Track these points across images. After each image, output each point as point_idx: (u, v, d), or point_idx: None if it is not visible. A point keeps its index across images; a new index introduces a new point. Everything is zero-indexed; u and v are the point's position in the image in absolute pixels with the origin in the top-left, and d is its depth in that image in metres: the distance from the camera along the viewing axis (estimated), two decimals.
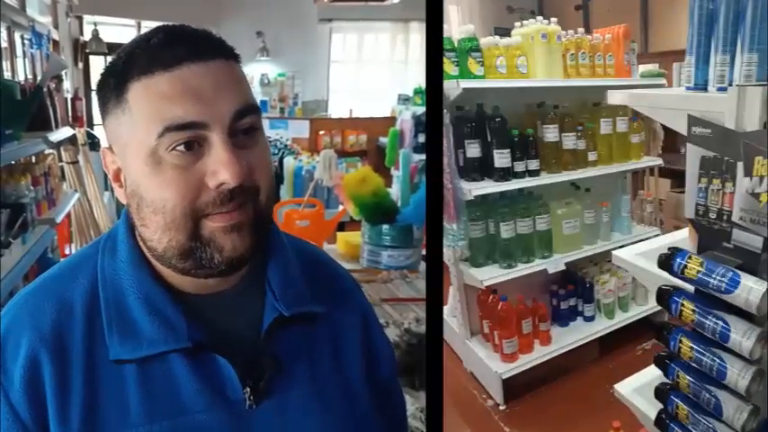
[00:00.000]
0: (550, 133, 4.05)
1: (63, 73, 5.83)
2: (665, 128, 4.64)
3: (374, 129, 9.01)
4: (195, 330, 1.09)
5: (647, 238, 4.74)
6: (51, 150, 4.89)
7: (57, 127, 4.60)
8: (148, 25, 9.08)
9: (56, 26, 6.49)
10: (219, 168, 1.03)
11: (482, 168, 3.92)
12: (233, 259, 1.07)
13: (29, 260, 3.48)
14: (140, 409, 1.07)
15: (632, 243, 4.61)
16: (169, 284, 1.13)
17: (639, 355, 4.37)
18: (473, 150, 3.84)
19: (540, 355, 4.06)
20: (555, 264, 4.08)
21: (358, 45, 10.77)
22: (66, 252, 5.52)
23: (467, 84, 3.67)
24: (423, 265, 3.93)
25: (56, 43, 6.26)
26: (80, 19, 8.57)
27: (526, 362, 3.98)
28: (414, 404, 2.42)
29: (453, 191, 3.72)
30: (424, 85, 7.38)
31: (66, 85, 6.47)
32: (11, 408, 1.05)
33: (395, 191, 5.69)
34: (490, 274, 3.92)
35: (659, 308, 4.66)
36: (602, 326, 4.41)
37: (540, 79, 4.02)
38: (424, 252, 3.90)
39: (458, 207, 3.75)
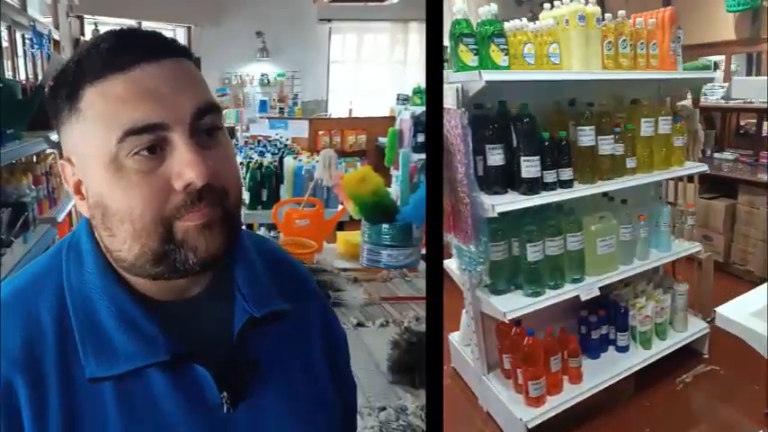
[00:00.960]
0: (586, 136, 3.03)
1: None
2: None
3: (373, 128, 8.42)
4: (171, 342, 0.96)
5: (688, 256, 3.86)
6: (52, 150, 4.53)
7: None
8: (148, 26, 8.87)
9: (56, 26, 6.10)
10: (185, 169, 0.90)
11: (505, 179, 2.93)
12: (207, 259, 0.94)
13: (30, 259, 3.13)
14: (120, 427, 0.94)
15: (673, 260, 3.67)
16: (139, 293, 0.99)
17: (680, 390, 3.49)
18: (495, 157, 2.83)
19: (570, 396, 3.13)
20: (588, 289, 3.09)
21: (357, 45, 10.18)
22: None
23: (491, 76, 2.69)
24: (422, 264, 3.63)
25: (56, 43, 5.92)
26: (81, 19, 8.06)
27: (554, 405, 3.06)
28: (414, 402, 2.26)
29: (471, 206, 2.77)
30: (423, 85, 6.95)
31: None
32: None
33: (394, 190, 5.49)
34: (514, 305, 2.95)
35: (702, 333, 3.64)
36: (638, 358, 3.45)
37: (578, 71, 2.97)
38: (423, 251, 3.61)
39: (476, 225, 2.78)
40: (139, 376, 0.96)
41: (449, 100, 2.78)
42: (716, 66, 5.73)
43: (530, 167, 2.86)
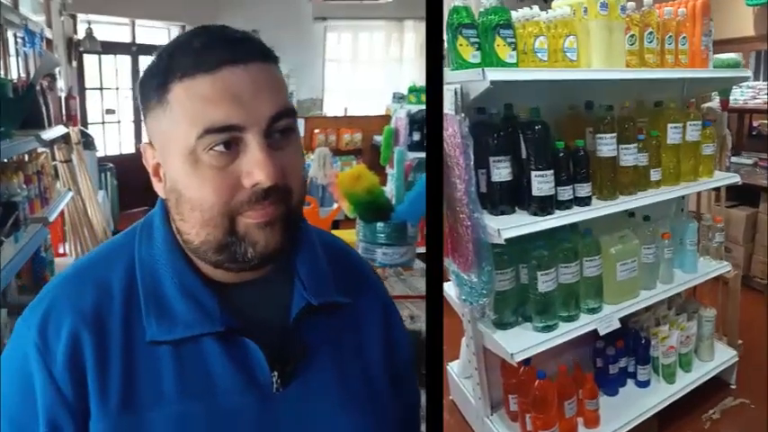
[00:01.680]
0: (606, 145, 2.43)
1: (57, 71, 5.23)
2: None
3: (369, 127, 7.92)
4: (227, 315, 0.97)
5: (717, 276, 3.25)
6: (44, 149, 4.35)
7: (50, 125, 4.15)
8: (142, 24, 8.30)
9: (49, 25, 5.71)
10: (254, 169, 0.90)
11: (512, 196, 2.36)
12: (265, 254, 0.94)
13: (21, 259, 3.15)
14: (174, 388, 0.95)
15: (698, 282, 3.04)
16: (202, 273, 1.00)
17: (708, 429, 2.91)
18: (501, 171, 2.25)
19: None
20: (607, 321, 2.53)
21: (353, 44, 9.58)
22: (60, 251, 5.05)
23: (497, 75, 2.11)
24: (417, 263, 3.40)
25: (49, 42, 5.59)
26: (74, 17, 7.37)
27: None
28: None
29: (472, 229, 2.21)
30: (418, 84, 6.53)
31: (60, 83, 5.72)
32: (54, 383, 0.94)
33: (389, 189, 5.31)
34: (522, 343, 2.38)
35: (730, 363, 3.14)
36: (661, 395, 2.85)
37: (602, 70, 2.36)
38: (418, 250, 3.42)
39: (478, 251, 2.22)
40: (195, 344, 0.97)
41: (445, 103, 2.18)
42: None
43: (542, 183, 2.26)
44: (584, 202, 2.39)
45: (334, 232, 3.73)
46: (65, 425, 0.96)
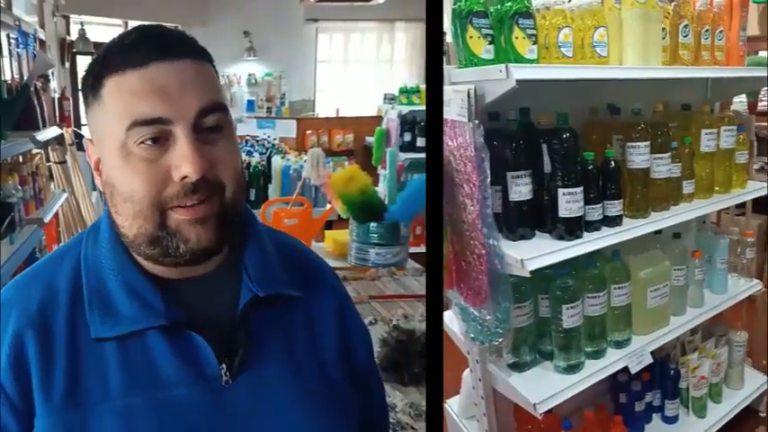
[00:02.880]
0: (639, 155, 1.92)
1: (50, 72, 4.91)
2: None
3: (361, 128, 7.52)
4: (172, 310, 0.93)
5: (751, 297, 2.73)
6: (39, 150, 4.14)
7: (44, 126, 3.91)
8: (135, 25, 7.70)
9: (42, 26, 5.29)
10: (182, 162, 0.88)
11: (533, 217, 1.87)
12: (197, 250, 0.91)
13: (17, 260, 2.94)
14: (120, 384, 0.91)
15: (730, 304, 2.53)
16: (146, 270, 0.96)
17: None
18: (521, 189, 1.76)
19: None
20: (638, 356, 2.11)
21: (344, 45, 9.09)
22: None
23: (524, 72, 1.63)
24: (410, 263, 3.25)
25: (42, 43, 5.15)
26: (67, 18, 7.11)
27: None
28: (403, 400, 1.91)
29: (487, 258, 1.71)
30: (409, 84, 6.17)
31: (53, 84, 5.38)
32: None
33: (381, 189, 5.07)
34: (545, 389, 1.88)
35: (762, 389, 2.67)
36: (692, 431, 2.39)
37: (640, 67, 1.84)
38: (411, 250, 3.31)
39: (494, 284, 1.72)
40: (140, 338, 0.93)
41: (452, 109, 1.66)
42: None
43: (571, 203, 1.77)
44: (614, 222, 1.91)
45: (328, 232, 3.71)
46: (9, 423, 0.92)
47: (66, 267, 0.97)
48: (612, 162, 1.89)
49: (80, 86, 0.98)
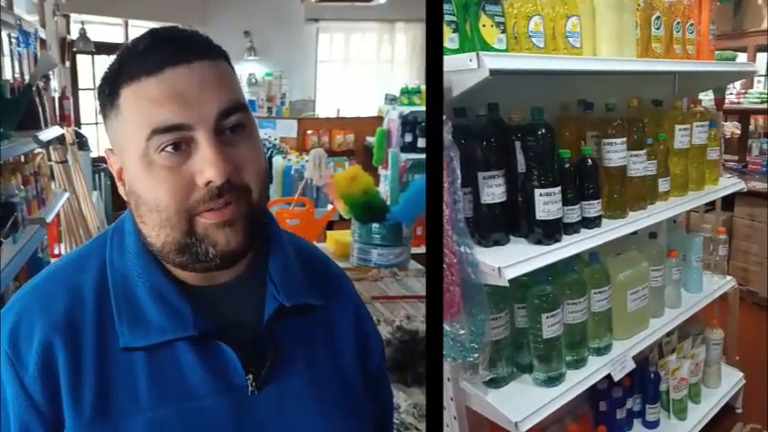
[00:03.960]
0: (616, 153, 1.87)
1: (50, 72, 4.85)
2: None
3: (361, 128, 7.48)
4: (200, 319, 0.92)
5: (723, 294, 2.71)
6: (41, 150, 4.04)
7: (46, 126, 3.88)
8: (135, 24, 7.78)
9: (43, 25, 5.26)
10: (206, 167, 0.86)
11: (507, 221, 1.78)
12: (226, 253, 0.90)
13: (20, 260, 2.94)
14: (149, 395, 0.89)
15: (707, 302, 2.51)
16: (174, 277, 0.95)
17: None
18: (494, 190, 1.69)
19: None
20: (620, 362, 2.04)
21: (344, 45, 9.04)
22: (56, 252, 4.70)
23: (498, 62, 1.52)
24: (413, 263, 3.29)
25: (43, 42, 5.12)
26: (67, 18, 7.00)
27: None
28: (406, 400, 1.93)
29: (459, 267, 1.61)
30: (410, 85, 6.30)
31: (54, 84, 5.35)
32: (25, 392, 0.89)
33: (383, 190, 5.05)
34: (525, 405, 1.78)
35: (738, 387, 2.69)
36: None
37: (614, 58, 1.81)
38: (413, 250, 3.35)
39: (468, 295, 1.62)
40: (169, 349, 0.92)
41: None
42: None
43: (549, 204, 1.73)
44: (593, 223, 1.87)
45: (330, 233, 3.71)
46: None
47: (91, 271, 0.95)
48: (590, 160, 1.86)
49: (96, 97, 0.96)
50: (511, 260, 1.61)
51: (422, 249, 3.81)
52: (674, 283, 2.33)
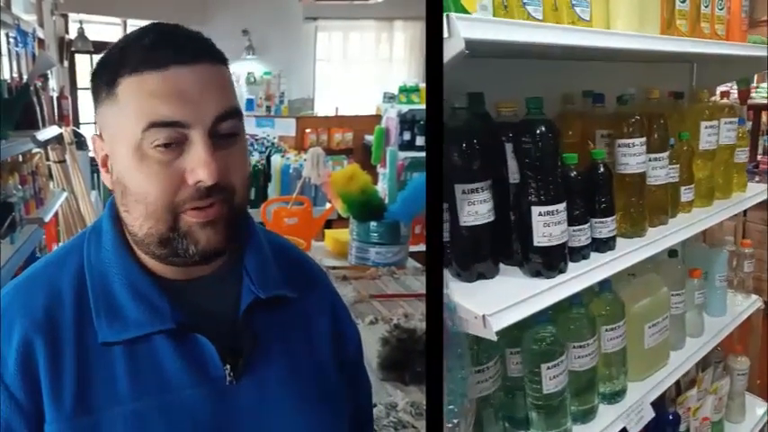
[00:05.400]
0: (634, 156, 1.40)
1: (49, 71, 4.85)
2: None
3: (360, 126, 7.27)
4: (178, 312, 0.92)
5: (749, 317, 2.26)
6: (38, 149, 4.09)
7: (44, 126, 3.90)
8: (134, 24, 7.74)
9: (41, 24, 5.25)
10: (198, 167, 0.86)
11: (496, 245, 1.30)
12: (206, 252, 0.91)
13: (18, 260, 2.89)
14: (128, 388, 0.90)
15: (732, 327, 2.06)
16: (151, 271, 0.95)
17: None
18: (479, 208, 1.19)
19: None
20: (637, 412, 1.62)
21: (343, 43, 8.83)
22: None
23: (475, 28, 1.01)
24: (410, 262, 3.22)
25: (41, 41, 5.14)
26: (65, 17, 6.85)
27: None
28: (404, 399, 1.88)
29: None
30: (409, 83, 6.11)
31: (52, 83, 5.32)
32: (6, 389, 0.89)
33: (381, 188, 5.04)
34: None
35: (764, 420, 1.75)
36: None
37: (634, 34, 1.35)
38: (410, 249, 3.27)
39: (447, 347, 1.14)
40: (147, 342, 0.92)
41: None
42: None
43: (551, 226, 1.26)
44: (606, 245, 1.42)
45: (328, 232, 3.69)
46: (18, 430, 0.89)
47: (70, 270, 0.95)
48: (602, 166, 1.40)
49: (90, 80, 0.94)
50: (500, 303, 1.17)
51: (420, 247, 3.75)
52: (696, 308, 1.91)
